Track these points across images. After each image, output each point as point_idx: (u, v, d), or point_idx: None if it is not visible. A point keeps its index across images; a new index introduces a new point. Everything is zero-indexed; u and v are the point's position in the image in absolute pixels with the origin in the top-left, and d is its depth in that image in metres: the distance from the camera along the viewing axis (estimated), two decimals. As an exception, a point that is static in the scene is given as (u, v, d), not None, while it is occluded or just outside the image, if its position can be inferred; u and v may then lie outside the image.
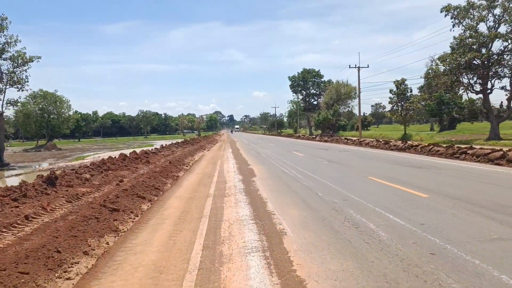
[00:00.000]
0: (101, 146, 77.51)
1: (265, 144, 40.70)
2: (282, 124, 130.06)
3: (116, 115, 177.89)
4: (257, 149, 31.31)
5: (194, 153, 26.76)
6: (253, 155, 25.77)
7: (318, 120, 79.53)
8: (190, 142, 41.26)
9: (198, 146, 35.87)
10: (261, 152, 28.44)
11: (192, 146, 36.18)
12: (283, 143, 42.56)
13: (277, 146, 36.09)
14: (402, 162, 16.45)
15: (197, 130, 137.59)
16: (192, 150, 29.02)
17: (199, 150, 30.75)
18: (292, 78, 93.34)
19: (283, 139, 57.19)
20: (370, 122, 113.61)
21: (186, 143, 39.67)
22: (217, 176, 14.59)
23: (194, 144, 39.69)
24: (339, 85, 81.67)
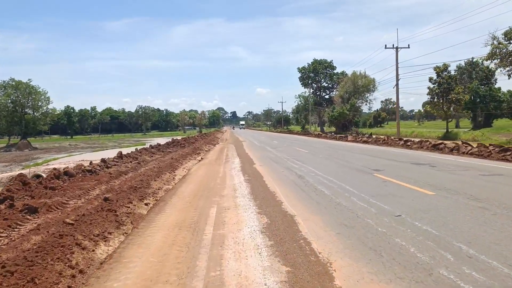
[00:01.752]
0: (88, 145, 66.72)
1: (288, 148, 27.51)
2: (288, 121, 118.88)
3: (116, 111, 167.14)
4: (284, 161, 18.75)
5: (175, 167, 15.83)
6: (296, 183, 11.27)
7: (332, 116, 68.35)
8: (181, 143, 30.29)
9: (190, 149, 24.88)
10: (300, 170, 14.35)
11: (181, 149, 25.28)
12: (313, 145, 31.19)
13: (313, 152, 22.91)
14: None
15: (199, 126, 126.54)
16: (175, 159, 18.22)
17: (186, 158, 19.88)
18: (301, 69, 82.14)
19: (302, 138, 45.89)
20: (384, 119, 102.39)
21: (175, 145, 28.76)
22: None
23: (186, 145, 28.71)
24: (356, 77, 70.52)
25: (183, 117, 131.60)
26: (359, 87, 69.40)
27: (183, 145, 28.90)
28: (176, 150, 24.60)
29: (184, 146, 28.46)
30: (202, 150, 26.64)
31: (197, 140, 36.20)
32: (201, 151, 25.91)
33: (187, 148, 25.94)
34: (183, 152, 22.43)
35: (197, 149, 26.03)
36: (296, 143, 33.08)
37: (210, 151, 26.71)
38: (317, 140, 39.40)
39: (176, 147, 26.59)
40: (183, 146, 28.47)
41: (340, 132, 65.29)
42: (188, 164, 17.88)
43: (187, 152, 22.99)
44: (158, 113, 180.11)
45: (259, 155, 21.33)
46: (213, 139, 43.66)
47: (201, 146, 29.49)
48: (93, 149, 53.67)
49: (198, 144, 31.82)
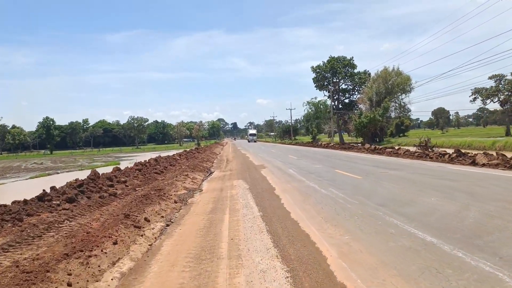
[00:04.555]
0: (55, 165, 50.09)
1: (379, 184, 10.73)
2: (296, 130, 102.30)
3: (109, 123, 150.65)
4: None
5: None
6: None
7: (360, 123, 51.75)
8: (152, 166, 13.79)
9: (126, 202, 8.23)
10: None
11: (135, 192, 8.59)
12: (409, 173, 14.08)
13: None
14: None
15: (196, 138, 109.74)
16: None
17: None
18: (316, 68, 65.89)
19: (340, 154, 27.96)
20: (408, 126, 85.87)
21: (136, 172, 12.13)
22: None
23: (157, 176, 12.11)
24: (388, 74, 54.36)
25: (179, 129, 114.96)
26: (393, 86, 53.11)
27: (147, 177, 12.44)
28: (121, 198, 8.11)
29: (148, 180, 12.03)
30: (167, 200, 10.11)
31: (176, 163, 19.52)
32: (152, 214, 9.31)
33: (151, 185, 9.44)
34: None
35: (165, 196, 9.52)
36: (338, 162, 16.44)
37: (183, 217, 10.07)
38: (363, 156, 23.12)
39: (136, 179, 10.08)
40: (146, 179, 12.12)
41: (370, 142, 48.85)
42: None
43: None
44: (154, 125, 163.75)
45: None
46: (208, 159, 26.98)
47: (169, 188, 12.90)
48: (54, 170, 37.41)
49: (171, 174, 15.26)
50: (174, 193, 11.38)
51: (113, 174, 11.66)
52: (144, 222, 7.70)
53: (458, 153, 16.83)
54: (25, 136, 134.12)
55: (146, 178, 12.92)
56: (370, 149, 27.90)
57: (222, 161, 25.21)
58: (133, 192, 10.17)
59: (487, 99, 60.83)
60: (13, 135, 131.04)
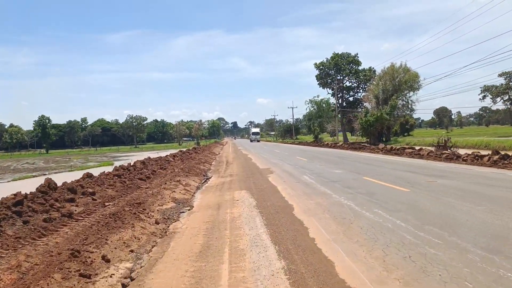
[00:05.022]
0: (46, 165, 47.40)
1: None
2: (297, 130, 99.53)
3: (108, 122, 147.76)
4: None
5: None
6: None
7: (366, 122, 49.01)
8: (137, 171, 11.21)
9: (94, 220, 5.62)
10: None
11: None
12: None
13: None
14: None
15: (195, 137, 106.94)
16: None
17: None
18: (319, 65, 63.15)
19: (355, 156, 24.57)
20: (412, 125, 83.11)
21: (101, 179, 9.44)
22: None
23: (141, 183, 9.50)
24: (395, 71, 51.59)
25: (179, 128, 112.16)
26: (401, 83, 50.38)
27: (112, 185, 9.73)
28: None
29: (113, 186, 9.34)
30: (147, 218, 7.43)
31: (169, 165, 16.80)
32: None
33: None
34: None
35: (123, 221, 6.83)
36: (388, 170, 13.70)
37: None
38: (411, 162, 19.75)
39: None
40: (111, 185, 9.44)
41: (376, 142, 46.12)
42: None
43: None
44: (154, 124, 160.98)
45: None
46: (204, 160, 24.25)
47: (153, 200, 10.25)
48: (43, 171, 34.79)
49: (160, 180, 12.59)
50: (158, 208, 8.67)
51: (79, 184, 8.92)
52: (101, 264, 4.99)
53: (500, 156, 14.05)
54: (22, 135, 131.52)
55: (125, 186, 10.19)
56: (386, 149, 25.07)
57: (221, 163, 22.42)
58: (100, 209, 7.44)
59: (497, 97, 58.24)
60: (10, 134, 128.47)
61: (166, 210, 8.77)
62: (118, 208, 7.77)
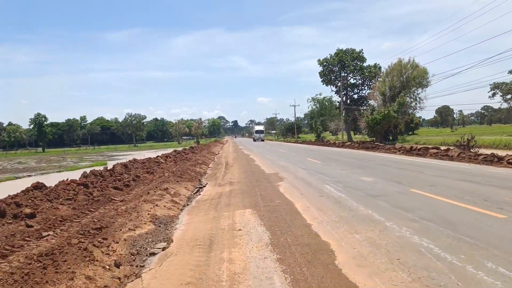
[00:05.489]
0: (38, 163, 44.87)
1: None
2: (299, 128, 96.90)
3: (107, 121, 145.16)
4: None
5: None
6: None
7: (373, 120, 46.41)
8: (114, 177, 8.71)
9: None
10: None
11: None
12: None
13: None
14: None
15: (195, 136, 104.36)
16: None
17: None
18: (323, 61, 60.49)
19: (375, 157, 20.96)
20: (417, 124, 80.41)
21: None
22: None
23: (114, 194, 6.93)
24: (403, 67, 48.93)
25: (178, 126, 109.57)
26: (409, 80, 47.73)
27: (69, 199, 7.14)
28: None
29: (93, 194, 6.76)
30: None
31: (158, 168, 14.19)
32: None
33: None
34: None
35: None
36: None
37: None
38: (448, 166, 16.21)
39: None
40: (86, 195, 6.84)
41: (383, 141, 43.51)
42: None
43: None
44: (154, 122, 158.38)
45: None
46: (201, 161, 21.60)
47: (123, 221, 7.65)
48: (30, 171, 32.28)
49: (141, 189, 9.99)
50: (128, 235, 6.07)
51: (14, 201, 6.27)
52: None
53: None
54: (21, 134, 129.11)
55: (90, 200, 7.57)
56: (404, 149, 22.29)
57: (220, 164, 19.67)
58: (31, 244, 4.83)
59: (508, 94, 55.63)
60: (8, 133, 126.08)
61: (138, 239, 6.15)
62: (61, 240, 5.15)
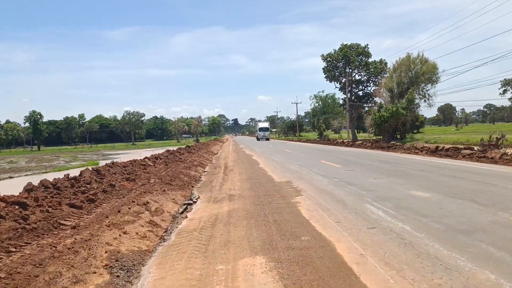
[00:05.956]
0: (28, 163, 42.27)
1: None
2: (301, 126, 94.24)
3: (106, 118, 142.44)
4: None
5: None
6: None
7: (380, 117, 43.77)
8: (76, 188, 6.17)
9: None
10: None
11: None
12: None
13: None
14: None
15: (195, 134, 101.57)
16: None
17: None
18: (327, 57, 57.74)
19: (401, 159, 17.00)
20: (422, 122, 77.68)
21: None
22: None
23: (69, 215, 4.37)
24: (412, 62, 46.22)
25: (178, 124, 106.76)
26: (418, 75, 45.02)
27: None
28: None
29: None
30: None
31: (142, 173, 11.59)
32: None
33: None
34: None
35: None
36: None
37: None
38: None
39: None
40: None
41: (390, 139, 40.84)
42: None
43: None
44: (153, 120, 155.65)
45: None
46: (198, 163, 18.94)
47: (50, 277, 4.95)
48: (14, 172, 29.82)
49: (112, 205, 7.34)
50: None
51: None
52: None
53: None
54: (18, 132, 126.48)
55: (17, 231, 4.93)
56: (428, 149, 19.29)
57: (218, 168, 16.83)
58: None
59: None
60: (6, 131, 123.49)
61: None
62: None
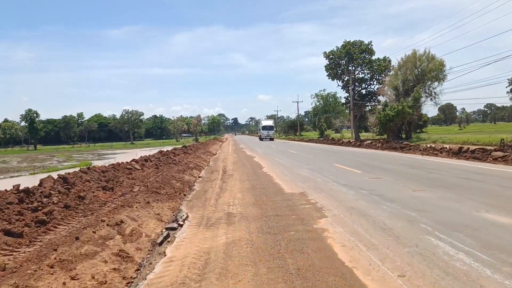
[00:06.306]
0: (20, 163, 40.49)
1: None
2: (302, 125, 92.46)
3: (105, 117, 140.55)
4: None
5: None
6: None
7: (385, 116, 42.01)
8: (23, 206, 4.46)
9: None
10: None
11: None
12: None
13: None
14: None
15: (194, 134, 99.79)
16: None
17: None
18: (329, 54, 55.89)
19: (431, 163, 14.01)
20: (425, 122, 75.81)
21: None
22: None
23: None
24: (418, 59, 44.41)
25: (177, 123, 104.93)
26: (425, 73, 43.22)
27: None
28: None
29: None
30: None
31: (125, 178, 9.82)
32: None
33: None
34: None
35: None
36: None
37: None
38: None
39: None
40: None
41: (395, 139, 39.10)
42: None
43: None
44: (152, 119, 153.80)
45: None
46: (193, 165, 17.16)
47: None
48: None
49: (73, 227, 5.49)
50: None
51: None
52: None
53: None
54: (16, 131, 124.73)
55: None
56: (450, 150, 17.41)
57: (215, 172, 14.63)
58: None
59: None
60: (3, 129, 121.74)
61: None
62: None
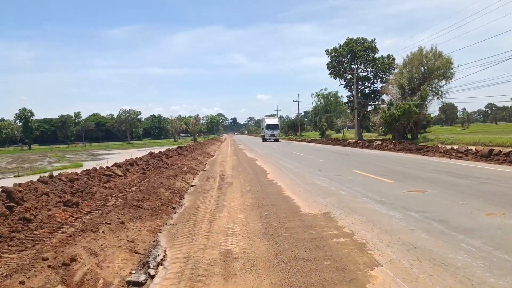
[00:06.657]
0: (9, 163, 38.50)
1: None
2: (302, 125, 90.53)
3: (102, 117, 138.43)
4: None
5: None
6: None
7: (391, 115, 40.11)
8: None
9: None
10: None
11: None
12: None
13: None
14: None
15: (192, 133, 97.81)
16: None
17: None
18: (331, 52, 53.98)
19: (483, 171, 11.21)
20: (429, 122, 73.80)
21: None
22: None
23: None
24: (424, 56, 42.54)
25: (175, 123, 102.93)
26: (432, 70, 41.33)
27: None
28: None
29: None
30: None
31: (104, 189, 7.94)
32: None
33: None
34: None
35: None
36: None
37: None
38: None
39: None
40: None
41: (401, 139, 37.23)
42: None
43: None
44: (151, 119, 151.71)
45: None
46: (187, 169, 15.24)
47: None
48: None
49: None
50: None
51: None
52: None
53: None
54: (12, 130, 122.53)
55: None
56: (477, 153, 15.19)
57: (211, 179, 11.65)
58: None
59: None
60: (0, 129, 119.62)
61: None
62: None
